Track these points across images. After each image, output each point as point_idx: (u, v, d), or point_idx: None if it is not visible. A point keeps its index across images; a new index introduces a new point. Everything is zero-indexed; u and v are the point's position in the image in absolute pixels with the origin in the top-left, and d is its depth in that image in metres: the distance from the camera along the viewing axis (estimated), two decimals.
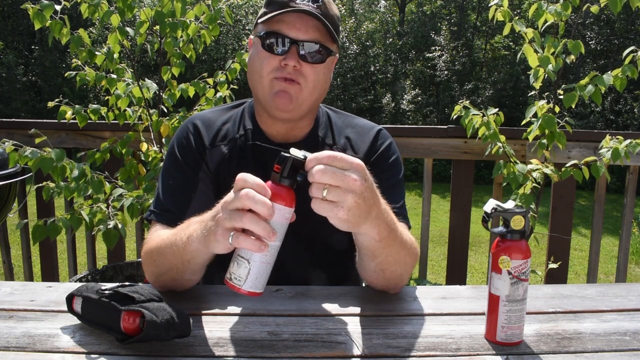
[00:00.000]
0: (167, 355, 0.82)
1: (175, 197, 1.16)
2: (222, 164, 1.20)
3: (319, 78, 1.11)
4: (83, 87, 11.88)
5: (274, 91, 1.10)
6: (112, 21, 2.07)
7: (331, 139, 1.24)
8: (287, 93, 1.09)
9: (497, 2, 2.01)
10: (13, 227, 4.08)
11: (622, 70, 1.92)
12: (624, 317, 0.99)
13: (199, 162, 1.19)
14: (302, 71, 1.09)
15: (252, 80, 1.15)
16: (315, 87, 1.12)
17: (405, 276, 1.07)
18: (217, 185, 1.20)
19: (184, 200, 1.14)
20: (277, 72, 1.09)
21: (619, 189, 7.73)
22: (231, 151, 1.20)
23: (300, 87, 1.10)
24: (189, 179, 1.17)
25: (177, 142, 1.22)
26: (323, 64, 1.11)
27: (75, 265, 2.73)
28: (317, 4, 1.08)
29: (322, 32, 1.09)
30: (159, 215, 1.14)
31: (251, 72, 1.15)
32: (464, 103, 2.15)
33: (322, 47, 1.10)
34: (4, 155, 1.98)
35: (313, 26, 1.08)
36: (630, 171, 2.40)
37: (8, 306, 0.99)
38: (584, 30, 12.45)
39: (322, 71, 1.12)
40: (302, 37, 1.08)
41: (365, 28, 15.82)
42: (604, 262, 5.34)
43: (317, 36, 1.09)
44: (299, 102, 1.11)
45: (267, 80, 1.10)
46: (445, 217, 4.87)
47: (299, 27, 1.07)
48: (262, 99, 1.13)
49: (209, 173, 1.19)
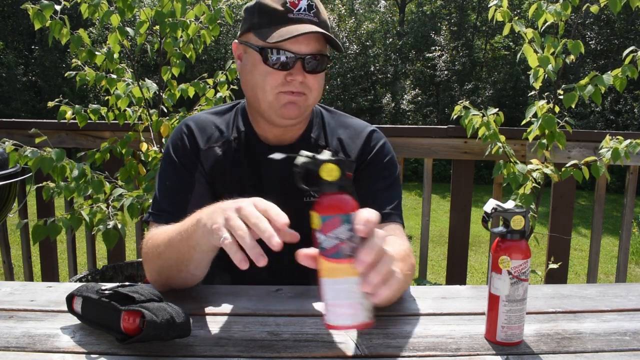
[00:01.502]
0: (167, 355, 0.82)
1: (173, 197, 1.16)
2: (216, 165, 1.20)
3: (320, 84, 1.13)
4: (83, 87, 11.88)
5: (281, 104, 1.10)
6: (112, 21, 2.07)
7: (324, 140, 1.24)
8: (295, 104, 1.10)
9: (497, 2, 2.01)
10: (13, 227, 4.08)
11: (622, 70, 1.92)
12: (624, 317, 0.99)
13: (194, 163, 1.19)
14: (307, 83, 1.09)
15: (253, 93, 1.13)
16: (318, 94, 1.14)
17: (407, 288, 1.09)
18: (213, 187, 1.20)
19: (181, 201, 1.14)
20: (282, 87, 1.08)
21: (619, 189, 7.72)
22: (225, 153, 1.20)
23: (306, 97, 1.11)
24: (185, 179, 1.18)
25: (172, 144, 1.22)
26: (322, 71, 1.12)
27: (75, 265, 2.73)
28: (312, 12, 1.07)
29: (321, 41, 1.08)
30: (157, 216, 1.14)
31: (250, 85, 1.13)
32: (464, 103, 2.15)
33: (324, 56, 1.10)
34: (4, 155, 1.98)
35: (314, 38, 1.07)
36: (630, 171, 2.40)
37: (8, 306, 0.99)
38: (583, 30, 12.45)
39: (322, 76, 1.13)
40: (306, 50, 1.06)
41: (365, 28, 15.81)
42: (604, 262, 5.34)
43: (318, 47, 1.08)
44: (305, 110, 1.13)
45: (272, 95, 1.09)
46: (445, 217, 4.88)
47: (302, 42, 1.06)
48: (266, 110, 1.12)
49: (205, 174, 1.19)
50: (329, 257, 0.71)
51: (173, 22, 2.09)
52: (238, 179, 1.20)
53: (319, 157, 0.74)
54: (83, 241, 2.88)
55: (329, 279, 0.73)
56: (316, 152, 1.14)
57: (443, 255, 3.25)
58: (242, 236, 0.77)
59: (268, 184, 1.21)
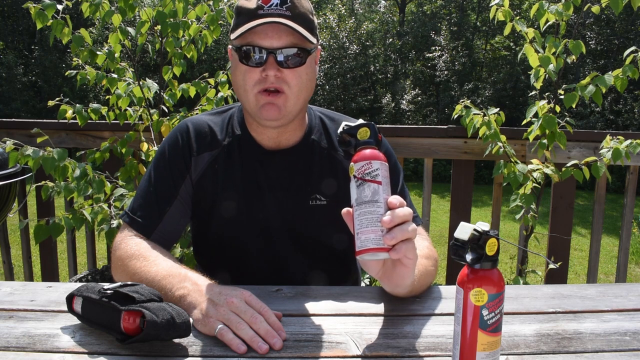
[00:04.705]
0: (167, 355, 0.82)
1: (150, 207, 1.17)
2: (207, 171, 1.20)
3: (302, 80, 1.10)
4: (83, 87, 11.89)
5: (260, 105, 1.10)
6: (114, 21, 2.07)
7: (326, 142, 1.24)
8: (273, 105, 1.09)
9: (498, 1, 2.01)
10: (13, 227, 4.08)
11: (623, 70, 1.92)
12: (624, 317, 0.99)
13: (183, 174, 1.20)
14: (284, 78, 1.08)
15: (238, 93, 1.14)
16: (300, 90, 1.10)
17: (432, 281, 1.13)
18: (201, 193, 1.21)
19: (157, 214, 1.17)
20: (260, 85, 1.08)
21: (619, 189, 7.73)
22: (216, 158, 1.20)
23: (286, 96, 1.09)
24: (168, 190, 1.19)
25: (168, 144, 1.23)
26: (304, 66, 1.09)
27: (75, 265, 2.73)
28: (286, 6, 1.05)
29: (295, 34, 1.06)
30: (131, 219, 1.17)
31: (235, 85, 1.14)
32: (465, 102, 2.15)
33: (300, 49, 1.07)
34: (4, 155, 1.98)
35: (286, 31, 1.06)
36: (630, 171, 2.40)
37: (8, 306, 0.99)
38: (584, 30, 12.45)
39: (305, 72, 1.10)
40: (277, 44, 1.06)
41: (365, 28, 15.80)
42: (604, 262, 5.34)
43: (291, 40, 1.06)
44: (287, 109, 1.10)
45: (252, 95, 1.10)
46: (445, 217, 4.87)
47: (272, 35, 1.05)
48: (250, 111, 1.13)
49: (191, 185, 1.20)
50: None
51: (174, 23, 2.09)
52: (231, 184, 1.20)
53: (355, 124, 0.89)
54: (83, 241, 2.88)
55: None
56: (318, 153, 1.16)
57: (443, 255, 3.25)
58: (243, 329, 0.85)
59: (265, 186, 1.20)
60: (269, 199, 1.20)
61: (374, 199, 0.82)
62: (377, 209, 0.82)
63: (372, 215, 0.82)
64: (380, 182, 0.83)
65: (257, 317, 0.87)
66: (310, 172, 1.21)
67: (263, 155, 1.20)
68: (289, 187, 1.20)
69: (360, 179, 0.83)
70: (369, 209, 0.82)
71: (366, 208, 0.82)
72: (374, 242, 0.81)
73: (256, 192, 1.20)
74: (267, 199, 1.20)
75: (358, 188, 0.83)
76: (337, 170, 1.22)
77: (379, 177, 0.83)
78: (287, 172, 1.21)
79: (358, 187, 0.83)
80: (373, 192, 0.82)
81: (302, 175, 1.21)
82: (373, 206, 0.82)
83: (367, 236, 0.81)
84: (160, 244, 1.14)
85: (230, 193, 1.20)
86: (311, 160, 1.21)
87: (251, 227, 1.21)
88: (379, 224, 0.81)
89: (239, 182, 1.20)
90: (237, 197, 1.20)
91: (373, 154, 0.85)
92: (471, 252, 0.74)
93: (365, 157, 0.84)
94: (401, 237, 0.80)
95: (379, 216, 0.81)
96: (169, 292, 0.95)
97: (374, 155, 0.85)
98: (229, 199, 1.20)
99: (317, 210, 1.21)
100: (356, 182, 0.83)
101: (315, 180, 1.21)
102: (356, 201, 0.83)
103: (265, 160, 1.20)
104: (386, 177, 0.85)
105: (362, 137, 0.87)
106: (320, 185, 1.21)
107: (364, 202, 0.82)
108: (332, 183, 1.21)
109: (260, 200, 1.20)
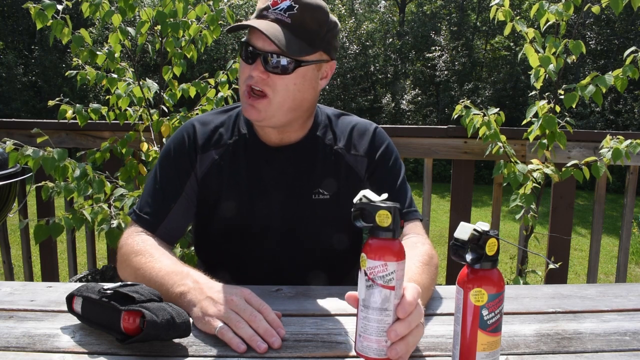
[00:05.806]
0: (167, 355, 0.82)
1: (156, 204, 1.19)
2: (213, 168, 1.21)
3: (288, 89, 1.09)
4: (83, 87, 11.87)
5: (246, 104, 1.11)
6: (114, 21, 2.07)
7: (332, 139, 1.25)
8: (253, 107, 1.10)
9: (498, 2, 2.01)
10: (13, 227, 4.08)
11: (623, 70, 1.92)
12: (624, 317, 0.99)
13: (188, 171, 1.21)
14: (269, 81, 1.07)
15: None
16: (285, 97, 1.09)
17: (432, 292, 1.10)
18: (205, 190, 1.22)
19: (163, 211, 1.18)
20: (248, 81, 1.09)
21: (619, 189, 7.73)
22: (222, 156, 1.21)
23: (269, 100, 1.08)
24: (174, 187, 1.20)
25: (174, 142, 1.24)
26: (292, 75, 1.08)
27: (75, 265, 2.73)
28: (290, 13, 1.05)
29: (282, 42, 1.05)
30: (138, 217, 1.19)
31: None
32: (465, 102, 2.15)
33: (291, 58, 1.06)
34: (4, 155, 1.97)
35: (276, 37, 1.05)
36: (630, 171, 2.40)
37: (8, 306, 0.99)
38: (584, 30, 12.45)
39: (293, 82, 1.08)
40: (267, 48, 1.06)
41: (365, 28, 15.80)
42: (604, 262, 5.34)
43: (277, 48, 1.05)
44: (269, 113, 1.10)
45: (242, 89, 1.11)
46: (445, 217, 4.87)
47: (265, 38, 1.04)
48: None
49: (196, 183, 1.21)
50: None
51: (174, 23, 2.09)
52: (235, 183, 1.21)
53: (375, 200, 0.78)
54: (83, 241, 2.88)
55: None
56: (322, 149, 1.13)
57: (443, 255, 3.25)
58: (242, 327, 0.85)
59: (269, 183, 1.21)
60: (272, 196, 1.21)
61: (384, 307, 0.76)
62: (385, 318, 0.76)
63: (379, 325, 0.76)
64: (393, 287, 0.76)
65: (256, 315, 0.87)
66: (314, 166, 1.22)
67: (268, 152, 1.21)
68: (292, 182, 1.21)
69: (371, 280, 0.76)
70: (376, 317, 0.76)
71: (374, 315, 0.76)
72: (376, 353, 0.77)
73: (260, 190, 1.21)
74: (270, 196, 1.21)
75: (367, 289, 0.76)
76: (341, 166, 1.23)
77: (392, 281, 0.76)
78: (292, 166, 1.21)
79: (367, 288, 0.76)
80: (384, 299, 0.76)
81: (305, 169, 1.22)
82: (381, 314, 0.76)
83: (370, 344, 0.77)
84: (164, 240, 1.16)
85: (235, 191, 1.20)
86: (315, 156, 1.22)
87: (253, 225, 1.22)
88: (384, 334, 0.76)
89: (243, 181, 1.21)
90: (241, 195, 1.21)
91: (391, 251, 0.76)
92: (471, 252, 0.74)
93: (381, 256, 0.75)
94: (404, 352, 0.77)
95: (385, 326, 0.76)
96: (170, 288, 0.96)
97: (392, 253, 0.76)
98: (233, 197, 1.20)
99: (320, 205, 1.21)
100: (367, 281, 0.76)
101: (318, 175, 1.22)
102: (364, 302, 0.77)
103: (269, 157, 1.21)
104: (401, 277, 0.77)
105: (381, 223, 0.76)
106: (323, 180, 1.22)
107: (373, 307, 0.76)
108: (335, 178, 1.22)
109: (264, 199, 1.21)
